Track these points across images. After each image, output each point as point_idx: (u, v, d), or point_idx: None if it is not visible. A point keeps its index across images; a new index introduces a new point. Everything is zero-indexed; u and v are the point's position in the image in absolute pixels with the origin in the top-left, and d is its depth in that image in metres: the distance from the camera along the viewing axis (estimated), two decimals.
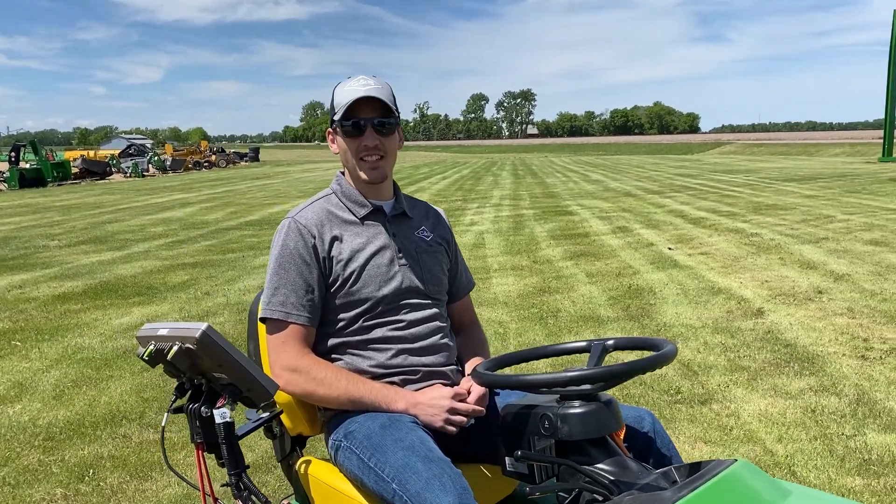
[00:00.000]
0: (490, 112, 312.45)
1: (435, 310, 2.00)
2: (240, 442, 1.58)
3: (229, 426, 1.53)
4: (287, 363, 1.85)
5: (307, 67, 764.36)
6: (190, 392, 1.59)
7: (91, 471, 3.60)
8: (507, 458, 1.55)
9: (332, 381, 1.85)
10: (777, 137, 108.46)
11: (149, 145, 71.90)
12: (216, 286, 8.33)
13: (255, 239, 12.54)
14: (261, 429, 1.73)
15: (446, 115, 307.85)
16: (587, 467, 1.41)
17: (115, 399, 4.64)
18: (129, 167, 41.15)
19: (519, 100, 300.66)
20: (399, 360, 1.92)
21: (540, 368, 4.22)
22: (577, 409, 1.45)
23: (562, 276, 8.35)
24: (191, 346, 1.43)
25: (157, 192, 26.02)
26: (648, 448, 1.71)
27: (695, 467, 1.38)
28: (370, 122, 1.93)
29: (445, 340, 2.00)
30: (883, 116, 38.89)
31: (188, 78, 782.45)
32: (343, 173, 2.09)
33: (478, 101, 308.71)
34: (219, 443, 1.53)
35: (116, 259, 10.51)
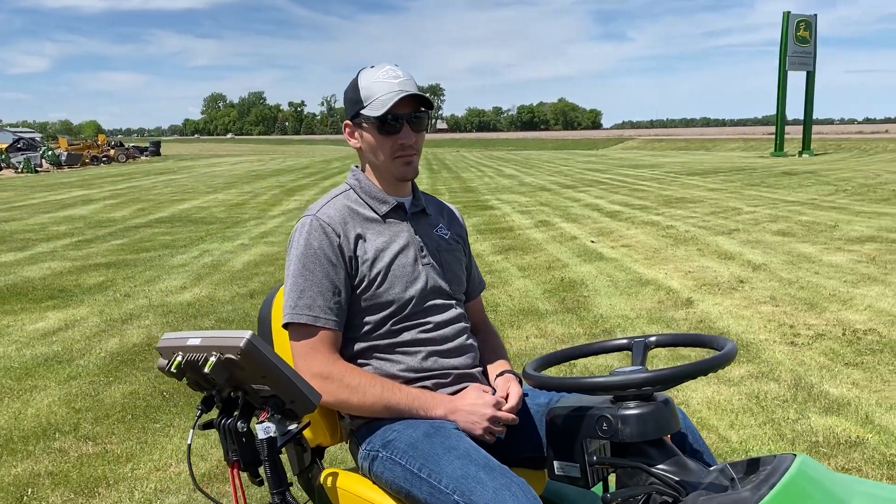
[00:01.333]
0: None
1: (458, 310, 1.94)
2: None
3: (273, 441, 1.40)
4: (317, 370, 1.74)
5: (207, 58, 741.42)
6: (216, 406, 1.45)
7: (30, 489, 3.34)
8: (555, 462, 1.50)
9: (366, 387, 1.75)
10: (675, 133, 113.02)
11: (39, 139, 67.80)
12: (135, 287, 7.93)
13: (168, 237, 12.02)
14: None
15: None
16: (654, 469, 1.39)
17: (44, 411, 4.33)
18: (20, 162, 38.66)
19: (427, 94, 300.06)
20: (430, 362, 1.84)
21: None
22: (637, 409, 1.42)
23: (495, 271, 8.39)
24: (232, 357, 1.30)
25: (55, 189, 24.57)
26: (683, 445, 1.71)
27: (752, 464, 1.38)
28: (407, 118, 1.84)
29: (471, 341, 1.94)
30: (772, 113, 41.13)
31: (79, 68, 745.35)
32: (358, 167, 1.98)
33: None
34: (257, 460, 1.40)
35: (20, 260, 9.85)
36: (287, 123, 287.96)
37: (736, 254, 8.95)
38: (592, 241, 10.39)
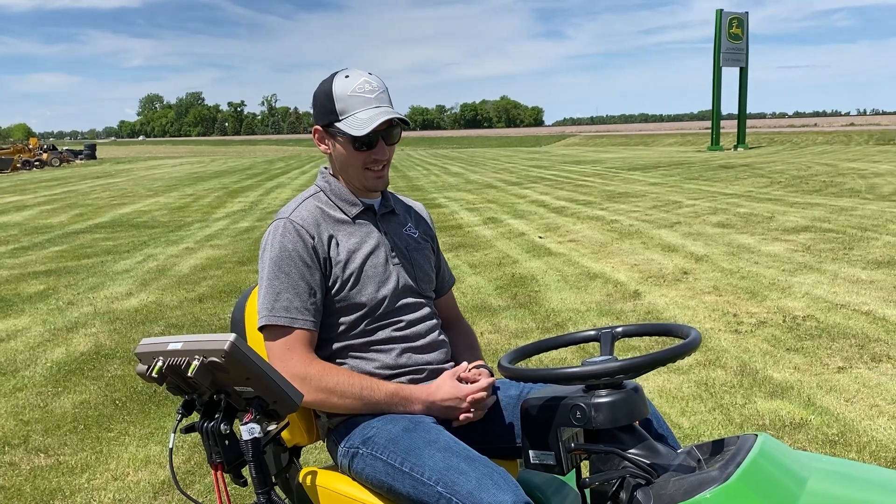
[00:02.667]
0: None
1: (429, 308, 1.98)
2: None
3: (258, 442, 1.42)
4: (295, 371, 1.75)
5: (143, 59, 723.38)
6: (196, 409, 1.45)
7: None
8: (531, 452, 1.56)
9: (345, 386, 1.77)
10: (615, 129, 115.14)
11: None
12: (79, 295, 7.72)
13: (110, 242, 11.72)
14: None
15: (296, 108, 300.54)
16: (627, 453, 1.45)
17: None
18: None
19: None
20: (404, 359, 1.89)
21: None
22: (609, 397, 1.48)
23: None
24: (217, 360, 1.31)
25: None
26: (649, 430, 1.77)
27: (717, 444, 1.46)
28: (382, 134, 1.85)
29: (442, 337, 1.99)
30: (707, 108, 42.33)
31: (6, 70, 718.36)
32: (327, 169, 2.00)
33: None
34: (240, 461, 1.41)
35: None
36: (227, 124, 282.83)
37: (679, 246, 9.20)
38: (540, 237, 10.54)
